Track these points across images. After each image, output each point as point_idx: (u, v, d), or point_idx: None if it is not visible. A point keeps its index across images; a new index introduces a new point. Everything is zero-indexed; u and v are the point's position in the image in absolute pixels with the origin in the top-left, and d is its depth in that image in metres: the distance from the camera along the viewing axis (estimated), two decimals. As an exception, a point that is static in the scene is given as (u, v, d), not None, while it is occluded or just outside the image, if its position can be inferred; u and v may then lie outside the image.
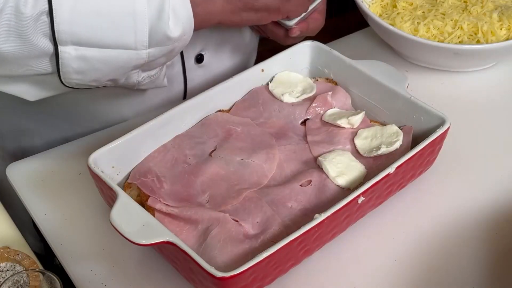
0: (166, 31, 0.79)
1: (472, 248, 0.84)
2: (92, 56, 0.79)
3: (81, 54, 0.78)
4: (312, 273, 0.81)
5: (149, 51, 0.80)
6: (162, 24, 0.78)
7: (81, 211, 0.88)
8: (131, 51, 0.79)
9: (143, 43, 0.79)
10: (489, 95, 1.06)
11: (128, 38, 0.78)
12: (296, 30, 0.94)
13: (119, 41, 0.78)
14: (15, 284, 0.77)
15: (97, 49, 0.78)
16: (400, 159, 0.81)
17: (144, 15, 0.77)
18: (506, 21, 1.06)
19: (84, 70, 0.80)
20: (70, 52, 0.78)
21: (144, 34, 0.78)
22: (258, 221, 0.79)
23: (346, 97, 0.95)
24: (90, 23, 0.76)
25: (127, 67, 0.82)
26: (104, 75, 0.82)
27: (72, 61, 0.79)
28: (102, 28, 0.77)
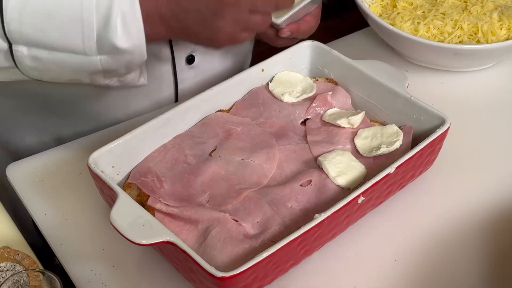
0: (114, 40, 0.77)
1: (471, 248, 0.84)
2: (44, 58, 0.78)
3: (33, 54, 0.78)
4: (312, 273, 0.81)
5: (100, 58, 0.79)
6: (109, 32, 0.77)
7: (81, 211, 0.88)
8: (81, 56, 0.78)
9: (92, 50, 0.78)
10: (489, 95, 1.06)
11: (76, 43, 0.77)
12: (286, 31, 0.93)
13: (67, 45, 0.77)
14: (15, 284, 0.77)
15: (47, 51, 0.78)
16: (400, 159, 0.81)
17: (91, 22, 0.76)
18: (506, 21, 1.06)
19: (40, 69, 0.80)
20: (23, 51, 0.78)
21: (92, 40, 0.77)
22: (258, 221, 0.79)
23: (346, 97, 0.95)
24: (38, 25, 0.76)
25: (83, 71, 0.81)
26: (60, 75, 0.82)
27: (25, 59, 0.79)
28: (50, 31, 0.76)
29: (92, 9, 0.75)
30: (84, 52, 0.78)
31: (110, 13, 0.75)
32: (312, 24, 0.97)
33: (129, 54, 0.79)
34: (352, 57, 0.96)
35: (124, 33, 0.77)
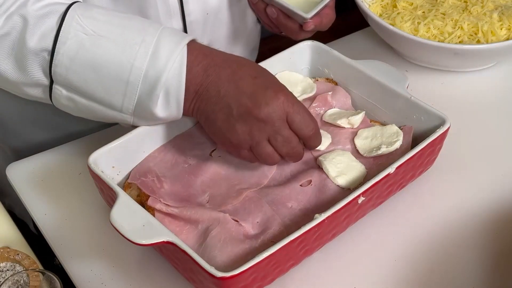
0: (153, 109, 0.79)
1: (472, 248, 0.84)
2: (80, 103, 0.80)
3: (71, 97, 0.80)
4: (312, 273, 0.81)
5: (134, 118, 0.81)
6: (150, 102, 0.78)
7: (81, 211, 0.88)
8: (117, 112, 0.80)
9: (129, 110, 0.79)
10: (489, 95, 1.06)
11: (116, 100, 0.79)
12: (311, 24, 0.93)
13: (107, 100, 0.79)
14: (15, 284, 0.77)
15: (85, 99, 0.80)
16: (400, 159, 0.81)
17: (136, 87, 0.77)
18: (506, 21, 1.06)
19: (73, 109, 0.82)
20: (62, 92, 0.80)
21: (131, 103, 0.79)
22: (258, 221, 0.79)
23: (346, 97, 0.95)
24: (85, 75, 0.77)
25: (114, 121, 0.83)
26: (91, 118, 0.84)
27: (62, 99, 0.81)
28: (94, 84, 0.78)
29: (140, 76, 0.77)
30: (121, 110, 0.80)
31: (156, 85, 0.77)
32: (331, 17, 0.97)
33: (163, 121, 0.82)
34: (352, 57, 0.96)
35: (164, 105, 0.79)
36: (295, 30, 0.95)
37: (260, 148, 0.79)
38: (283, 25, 0.96)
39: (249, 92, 0.78)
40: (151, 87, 0.77)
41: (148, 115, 0.80)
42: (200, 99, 0.79)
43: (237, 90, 0.78)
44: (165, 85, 0.77)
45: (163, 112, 0.80)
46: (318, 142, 0.83)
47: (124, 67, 0.77)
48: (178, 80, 0.77)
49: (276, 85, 0.80)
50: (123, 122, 0.82)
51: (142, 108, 0.79)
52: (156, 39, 0.77)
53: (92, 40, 0.76)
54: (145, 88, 0.77)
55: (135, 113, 0.80)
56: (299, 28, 0.95)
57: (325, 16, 0.95)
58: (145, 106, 0.79)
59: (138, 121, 0.82)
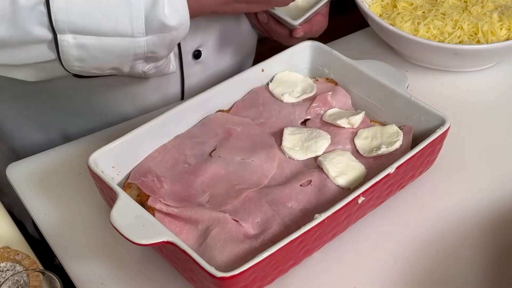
0: (162, 18, 0.78)
1: (472, 248, 0.84)
2: (91, 44, 0.79)
3: (80, 42, 0.79)
4: (312, 273, 0.81)
5: (147, 38, 0.80)
6: (158, 11, 0.78)
7: (81, 211, 0.88)
8: (128, 39, 0.79)
9: (140, 30, 0.79)
10: (489, 95, 1.06)
11: (124, 25, 0.78)
12: (300, 31, 0.94)
13: (115, 28, 0.78)
14: (15, 284, 0.77)
15: (95, 37, 0.78)
16: (400, 159, 0.81)
17: (139, 3, 0.77)
18: (506, 21, 1.06)
19: (84, 58, 0.81)
20: (69, 41, 0.78)
21: (140, 21, 0.78)
22: (258, 221, 0.79)
23: (346, 97, 0.95)
24: (86, 12, 0.76)
25: (127, 55, 0.82)
26: (105, 63, 0.82)
27: (71, 49, 0.79)
28: (98, 16, 0.77)
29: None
30: (132, 34, 0.79)
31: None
32: (323, 24, 0.97)
33: (175, 31, 0.81)
34: (352, 57, 0.96)
35: (171, 11, 0.79)
36: (285, 36, 0.96)
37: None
38: (273, 31, 0.97)
39: None
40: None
41: (160, 27, 0.79)
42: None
43: None
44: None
45: (173, 19, 0.79)
46: None
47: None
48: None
49: None
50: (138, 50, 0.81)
51: (152, 22, 0.78)
52: None
53: None
54: (148, 2, 0.77)
55: (147, 31, 0.79)
56: (289, 35, 0.95)
57: (315, 23, 0.96)
58: (154, 19, 0.78)
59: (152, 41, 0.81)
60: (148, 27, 0.79)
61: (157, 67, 0.88)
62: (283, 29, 0.96)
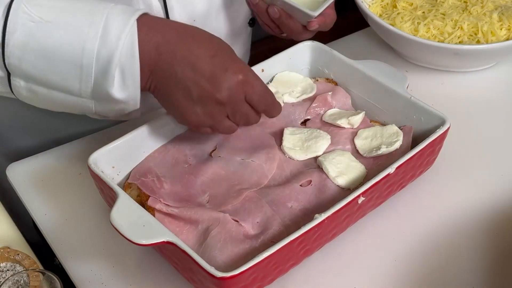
0: (110, 90, 0.77)
1: (472, 248, 0.84)
2: (41, 92, 0.79)
3: (30, 88, 0.79)
4: (312, 273, 0.81)
5: (94, 102, 0.80)
6: (106, 83, 0.77)
7: (81, 211, 0.88)
8: (76, 98, 0.79)
9: (87, 94, 0.78)
10: (489, 95, 1.06)
11: (73, 85, 0.78)
12: (315, 24, 0.92)
13: (64, 86, 0.78)
14: (15, 284, 0.77)
15: (45, 88, 0.79)
16: (400, 159, 0.81)
17: (90, 69, 0.76)
18: (506, 21, 1.06)
19: (35, 100, 0.81)
20: (20, 83, 0.79)
21: (88, 86, 0.77)
22: (258, 221, 0.79)
23: (346, 97, 0.95)
24: (38, 64, 0.76)
25: (76, 109, 0.82)
26: (55, 108, 0.83)
27: (22, 90, 0.80)
28: (49, 71, 0.77)
29: (92, 58, 0.75)
30: (80, 95, 0.78)
31: (109, 64, 0.75)
32: (333, 17, 0.96)
33: (123, 103, 0.80)
34: (352, 57, 0.96)
35: (121, 85, 0.77)
36: (298, 30, 0.94)
37: (220, 125, 0.80)
38: (285, 25, 0.95)
39: (208, 74, 0.77)
40: (105, 68, 0.76)
41: (107, 97, 0.78)
42: (156, 79, 0.78)
43: (195, 72, 0.77)
44: (119, 64, 0.76)
45: (121, 93, 0.78)
46: (277, 112, 0.84)
47: (76, 51, 0.75)
48: (131, 57, 0.76)
49: (234, 65, 0.79)
50: (85, 108, 0.81)
51: (99, 90, 0.77)
52: (105, 19, 0.75)
53: (41, 28, 0.75)
54: (99, 70, 0.76)
55: (94, 96, 0.78)
56: (303, 28, 0.94)
57: (327, 16, 0.95)
58: (102, 88, 0.77)
59: (99, 105, 0.80)
60: (95, 94, 0.78)
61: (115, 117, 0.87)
62: (295, 23, 0.94)
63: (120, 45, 0.75)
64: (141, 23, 0.77)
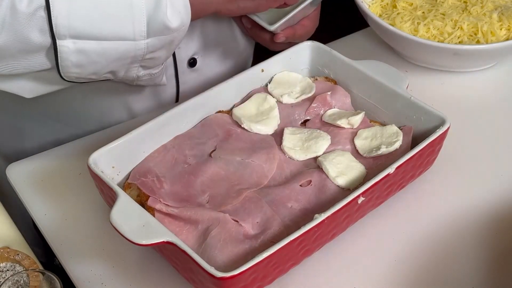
0: (165, 21, 0.78)
1: (471, 248, 0.84)
2: (91, 49, 0.78)
3: (80, 47, 0.78)
4: (312, 273, 0.81)
5: (148, 41, 0.79)
6: (160, 13, 0.77)
7: (81, 211, 0.88)
8: (129, 42, 0.79)
9: (142, 34, 0.78)
10: (489, 95, 1.06)
11: (126, 29, 0.77)
12: (281, 36, 0.93)
13: (117, 32, 0.78)
14: (15, 284, 0.77)
15: (96, 42, 0.78)
16: (400, 159, 0.81)
17: (141, 6, 0.77)
18: (506, 21, 1.06)
19: (83, 63, 0.80)
20: (69, 46, 0.77)
21: (142, 25, 0.78)
22: (258, 221, 0.79)
23: (345, 96, 0.95)
24: (87, 16, 0.76)
25: (126, 58, 0.81)
26: (103, 67, 0.82)
27: (71, 55, 0.78)
28: (100, 20, 0.76)
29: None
30: (134, 37, 0.78)
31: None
32: (309, 28, 0.97)
33: (176, 32, 0.81)
34: (352, 57, 0.96)
35: (173, 12, 0.78)
36: (267, 41, 0.96)
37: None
38: (257, 35, 0.97)
39: None
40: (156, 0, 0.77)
41: (162, 29, 0.79)
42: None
43: None
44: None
45: (175, 20, 0.79)
46: None
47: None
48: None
49: None
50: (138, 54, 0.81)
51: (153, 25, 0.78)
52: None
53: None
54: (150, 4, 0.77)
55: (148, 34, 0.79)
56: (271, 39, 0.95)
57: (300, 27, 0.95)
58: (156, 22, 0.78)
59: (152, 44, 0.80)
60: (150, 29, 0.78)
61: (151, 74, 0.88)
62: (265, 34, 0.95)
63: None
64: None
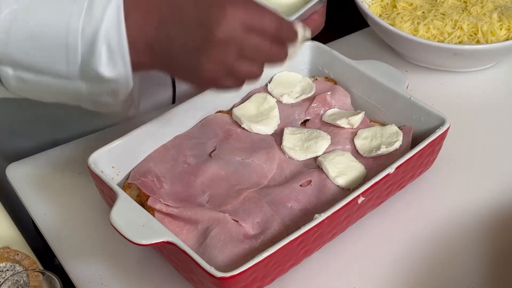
0: (98, 69, 0.73)
1: (472, 248, 0.84)
2: (30, 79, 0.76)
3: (19, 76, 0.76)
4: (312, 273, 0.81)
5: (86, 85, 0.76)
6: (94, 60, 0.73)
7: (81, 211, 0.88)
8: (66, 80, 0.75)
9: (75, 75, 0.74)
10: (489, 95, 1.06)
11: (60, 67, 0.74)
12: None
13: (52, 68, 0.74)
14: (15, 284, 0.77)
15: (33, 74, 0.75)
16: (400, 159, 0.81)
17: (76, 48, 0.72)
18: (506, 21, 1.06)
19: (25, 90, 0.78)
20: (8, 72, 0.76)
21: (76, 66, 0.74)
22: (258, 221, 0.79)
23: (345, 96, 0.95)
24: (24, 47, 0.73)
25: (68, 94, 0.78)
26: (48, 97, 0.80)
27: (10, 79, 0.76)
28: (35, 53, 0.74)
29: (77, 34, 0.72)
30: (68, 76, 0.75)
31: (95, 40, 0.72)
32: (319, 23, 0.96)
33: (114, 83, 0.76)
34: (352, 57, 0.96)
35: (109, 62, 0.73)
36: None
37: (236, 68, 0.73)
38: None
39: (196, 21, 0.71)
40: (91, 45, 0.72)
41: (95, 76, 0.74)
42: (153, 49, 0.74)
43: (183, 25, 0.71)
44: (105, 40, 0.72)
45: (110, 71, 0.74)
46: (293, 31, 0.75)
47: (60, 30, 0.72)
48: (117, 31, 0.72)
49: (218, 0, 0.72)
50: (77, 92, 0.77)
51: (87, 69, 0.74)
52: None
53: (25, 9, 0.72)
54: (85, 48, 0.72)
55: (83, 76, 0.74)
56: None
57: (311, 22, 0.94)
58: (90, 67, 0.73)
59: (90, 87, 0.76)
60: (84, 73, 0.74)
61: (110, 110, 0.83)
62: None
63: (105, 19, 0.71)
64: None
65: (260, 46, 0.72)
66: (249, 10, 0.72)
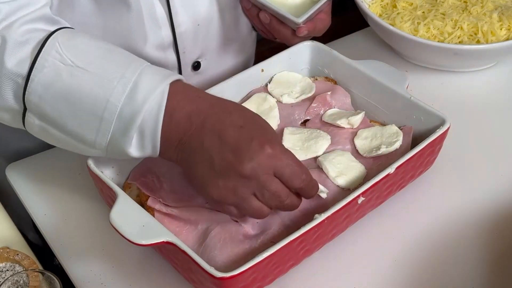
0: (126, 149, 0.74)
1: (472, 248, 0.84)
2: (53, 134, 0.77)
3: (43, 127, 0.77)
4: (312, 273, 0.81)
5: (108, 154, 0.76)
6: (124, 141, 0.73)
7: (81, 211, 0.88)
8: (89, 147, 0.76)
9: (102, 146, 0.75)
10: (489, 95, 1.06)
11: (88, 135, 0.75)
12: (303, 29, 0.92)
13: (79, 134, 0.75)
14: (15, 284, 0.77)
15: (58, 131, 0.76)
16: (400, 159, 0.81)
17: (110, 124, 0.73)
18: (506, 21, 1.06)
19: (45, 138, 0.79)
20: (34, 121, 0.76)
21: (104, 140, 0.74)
22: (258, 221, 0.79)
23: (345, 96, 0.95)
24: (58, 107, 0.74)
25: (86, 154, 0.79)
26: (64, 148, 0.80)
27: (34, 127, 0.77)
28: (67, 116, 0.74)
29: (114, 113, 0.72)
30: (94, 145, 0.75)
31: (131, 124, 0.72)
32: (326, 22, 0.96)
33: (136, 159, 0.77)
34: (352, 57, 0.96)
35: (138, 145, 0.74)
36: (288, 36, 0.94)
37: (246, 204, 0.73)
38: (276, 30, 0.95)
39: (233, 144, 0.71)
40: (126, 127, 0.72)
41: (121, 153, 0.75)
42: (183, 149, 0.74)
43: (220, 141, 0.71)
44: (140, 126, 0.72)
45: (137, 153, 0.75)
46: (314, 191, 0.77)
47: (99, 103, 0.72)
48: (155, 123, 0.72)
49: (263, 136, 0.73)
50: (95, 153, 0.78)
51: (115, 146, 0.74)
52: (136, 76, 0.72)
53: (70, 71, 0.73)
54: (119, 127, 0.73)
55: (108, 150, 0.75)
56: (292, 34, 0.94)
57: (319, 21, 0.94)
58: (118, 145, 0.74)
59: (112, 156, 0.78)
60: (110, 147, 0.75)
61: None
62: (286, 29, 0.94)
63: (145, 108, 0.72)
64: (174, 89, 0.73)
65: (280, 193, 0.73)
66: (285, 159, 0.73)
